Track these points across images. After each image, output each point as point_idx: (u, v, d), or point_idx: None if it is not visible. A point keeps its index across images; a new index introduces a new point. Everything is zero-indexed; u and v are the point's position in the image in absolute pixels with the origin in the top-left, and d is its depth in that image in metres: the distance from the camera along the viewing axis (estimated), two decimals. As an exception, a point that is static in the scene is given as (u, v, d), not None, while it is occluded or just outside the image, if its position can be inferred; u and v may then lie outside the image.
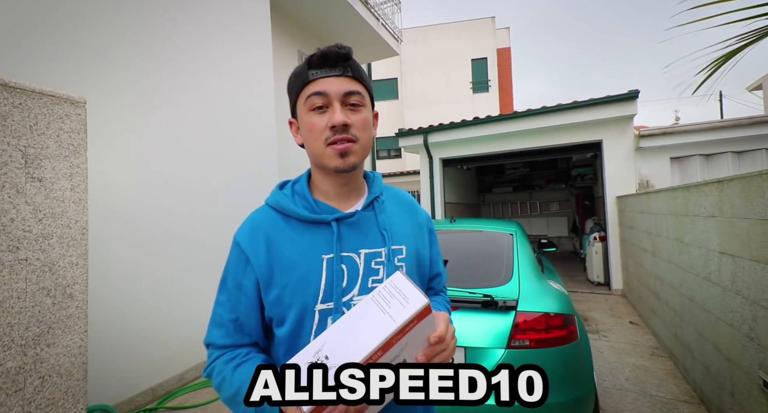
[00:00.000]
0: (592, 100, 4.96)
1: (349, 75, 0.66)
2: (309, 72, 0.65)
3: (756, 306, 1.55)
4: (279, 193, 0.72)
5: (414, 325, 0.50)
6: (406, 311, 0.48)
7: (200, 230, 3.02)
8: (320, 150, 0.65)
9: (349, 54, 0.66)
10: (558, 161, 8.91)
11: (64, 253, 1.22)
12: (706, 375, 2.13)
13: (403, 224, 0.75)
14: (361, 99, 0.67)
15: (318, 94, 0.64)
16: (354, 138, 0.65)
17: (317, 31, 5.74)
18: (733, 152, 4.61)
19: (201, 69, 3.12)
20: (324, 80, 0.64)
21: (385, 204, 0.75)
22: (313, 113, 0.65)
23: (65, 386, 1.21)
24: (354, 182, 0.72)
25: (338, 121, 0.63)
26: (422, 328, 0.52)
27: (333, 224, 0.67)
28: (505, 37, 15.94)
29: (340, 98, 0.64)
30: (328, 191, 0.71)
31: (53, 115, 1.22)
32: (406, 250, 0.71)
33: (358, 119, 0.65)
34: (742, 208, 1.64)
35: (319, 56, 0.65)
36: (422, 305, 0.49)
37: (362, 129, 0.66)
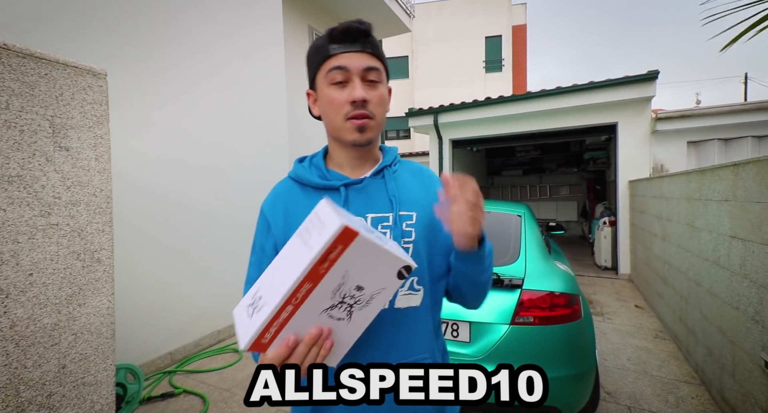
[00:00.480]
0: (608, 80, 4.81)
1: (368, 51, 0.67)
2: (330, 46, 0.66)
3: (763, 289, 1.57)
4: (298, 165, 0.77)
5: (340, 252, 0.46)
6: (322, 238, 0.45)
7: (214, 204, 3.09)
8: (339, 124, 0.68)
9: (370, 30, 0.68)
10: (570, 144, 8.74)
11: (91, 220, 1.28)
12: (708, 357, 2.17)
13: (416, 191, 0.75)
14: (379, 75, 0.68)
15: (339, 68, 0.65)
16: (371, 114, 0.67)
17: (328, 6, 5.60)
18: (753, 137, 4.48)
19: (213, 45, 3.10)
20: (345, 55, 0.66)
21: (398, 173, 0.77)
22: (334, 87, 0.67)
23: (96, 343, 1.30)
24: (368, 154, 0.75)
25: (359, 96, 0.65)
26: (361, 253, 0.48)
27: (341, 190, 0.70)
28: (521, 13, 15.31)
29: (360, 74, 0.66)
30: (342, 161, 0.74)
31: (77, 86, 1.25)
32: (416, 216, 0.71)
33: (375, 96, 0.67)
34: (756, 192, 1.63)
35: (341, 31, 0.66)
36: (336, 228, 0.44)
37: (378, 105, 0.68)
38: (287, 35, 4.66)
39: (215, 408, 2.14)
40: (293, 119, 4.66)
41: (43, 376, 1.16)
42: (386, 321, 0.67)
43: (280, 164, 3.86)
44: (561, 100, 5.17)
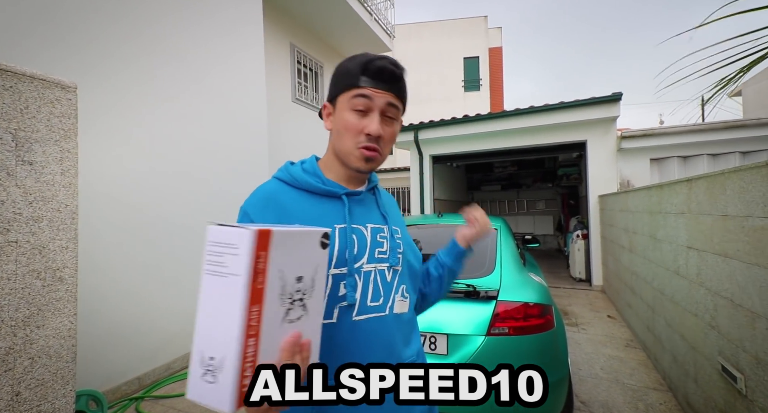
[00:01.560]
0: (577, 101, 5.09)
1: (395, 93, 0.71)
2: (361, 77, 0.68)
3: (717, 297, 1.66)
4: (291, 167, 0.75)
5: (266, 257, 0.43)
6: (242, 256, 0.41)
7: (190, 219, 3.02)
8: (349, 148, 0.70)
9: (402, 75, 0.72)
10: (545, 160, 9.09)
11: (54, 236, 1.23)
12: (674, 364, 2.25)
13: (395, 211, 0.85)
14: (396, 114, 0.73)
15: (364, 97, 0.68)
16: (380, 150, 0.71)
17: (310, 24, 5.72)
18: (708, 155, 4.81)
19: (192, 60, 3.10)
20: (371, 91, 0.68)
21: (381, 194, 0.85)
22: (355, 113, 0.69)
23: (54, 367, 1.23)
24: (363, 177, 0.80)
25: (375, 131, 0.68)
26: (283, 248, 0.45)
27: (344, 198, 0.72)
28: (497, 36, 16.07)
29: (381, 109, 0.69)
30: (340, 176, 0.76)
31: (44, 99, 1.23)
32: (400, 232, 0.79)
33: (389, 132, 0.72)
34: (707, 205, 1.75)
35: (376, 69, 0.68)
36: (251, 237, 0.42)
37: (388, 142, 0.73)
38: (269, 51, 4.71)
39: (184, 434, 2.03)
40: (273, 133, 4.67)
41: (-7, 404, 1.08)
42: (386, 326, 0.71)
43: (259, 177, 3.83)
44: (534, 119, 5.41)
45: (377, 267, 0.72)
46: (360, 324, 0.68)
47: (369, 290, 0.69)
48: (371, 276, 0.70)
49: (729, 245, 1.53)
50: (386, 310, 0.71)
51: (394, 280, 0.73)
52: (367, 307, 0.69)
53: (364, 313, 0.68)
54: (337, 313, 0.66)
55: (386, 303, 0.71)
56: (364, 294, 0.68)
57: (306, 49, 5.83)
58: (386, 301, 0.71)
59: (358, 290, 0.68)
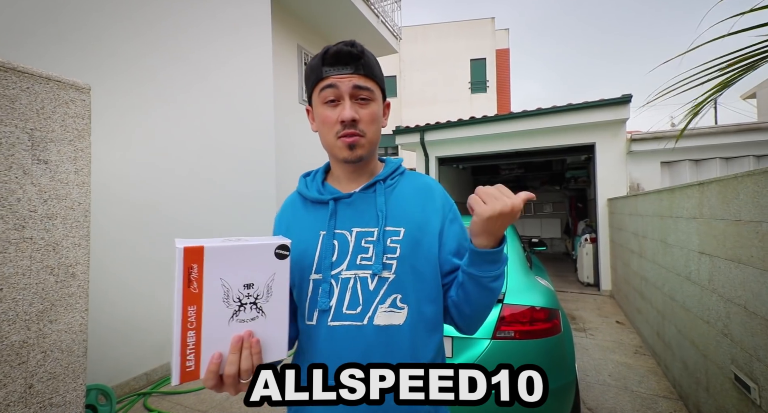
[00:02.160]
0: (586, 103, 5.04)
1: (360, 73, 0.69)
2: (323, 69, 0.69)
3: (730, 304, 1.63)
4: (302, 180, 0.81)
5: (200, 268, 0.52)
6: (177, 267, 0.51)
7: (198, 217, 3.05)
8: (332, 141, 0.71)
9: (361, 54, 0.69)
10: (552, 163, 9.01)
11: (67, 234, 1.26)
12: (684, 372, 2.21)
13: (411, 207, 0.74)
14: (370, 94, 0.70)
15: (330, 86, 0.68)
16: (361, 133, 0.69)
17: (317, 26, 5.76)
18: (721, 158, 4.72)
19: (200, 61, 3.14)
20: (335, 78, 0.69)
21: (396, 188, 0.76)
22: (326, 105, 0.69)
23: (66, 361, 1.25)
24: (363, 169, 0.77)
25: (347, 116, 0.67)
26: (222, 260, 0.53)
27: (330, 203, 0.73)
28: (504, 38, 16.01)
29: (349, 93, 0.68)
30: (340, 175, 0.78)
31: (59, 100, 1.26)
32: (404, 232, 0.70)
33: (366, 114, 0.70)
34: (719, 209, 1.72)
35: (332, 55, 0.68)
36: (180, 253, 0.51)
37: (370, 123, 0.70)
38: (276, 52, 4.75)
39: (190, 431, 2.05)
40: (280, 135, 4.70)
41: (7, 397, 1.11)
42: (363, 337, 0.66)
43: (266, 175, 3.86)
44: (542, 121, 5.37)
45: (358, 274, 0.68)
46: (336, 329, 0.67)
47: (346, 298, 0.67)
48: (350, 283, 0.68)
49: (742, 251, 1.50)
50: (364, 320, 0.66)
51: (380, 289, 0.67)
52: (343, 314, 0.67)
53: (339, 320, 0.67)
54: (316, 316, 0.69)
55: (365, 313, 0.66)
56: (340, 301, 0.67)
57: (313, 51, 5.87)
58: (365, 311, 0.67)
59: (334, 297, 0.68)
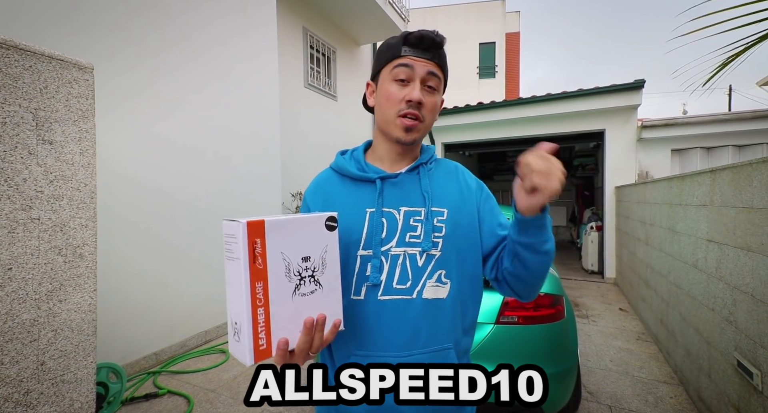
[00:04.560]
0: (597, 88, 4.92)
1: (436, 62, 0.71)
2: (402, 48, 0.70)
3: (736, 291, 1.62)
4: (340, 157, 0.81)
5: (263, 243, 0.51)
6: (239, 244, 0.50)
7: (206, 201, 3.07)
8: (390, 118, 0.71)
9: (443, 43, 0.71)
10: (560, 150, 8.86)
11: (74, 215, 1.27)
12: (687, 358, 2.22)
13: (449, 189, 0.77)
14: (438, 84, 0.72)
15: (405, 66, 0.69)
16: (422, 117, 0.70)
17: (323, 7, 5.62)
18: (734, 146, 4.62)
19: (204, 43, 3.09)
20: (413, 59, 0.70)
21: (433, 171, 0.79)
22: (396, 83, 0.70)
23: (76, 340, 1.28)
24: (409, 152, 0.78)
25: (416, 97, 0.68)
26: (281, 234, 0.53)
27: (377, 182, 0.73)
28: (515, 21, 15.53)
29: (422, 77, 0.69)
30: (383, 155, 0.78)
31: (62, 79, 1.24)
32: (447, 213, 0.73)
33: (430, 102, 0.71)
34: (731, 197, 1.68)
35: (417, 37, 0.69)
36: (242, 228, 0.50)
37: (431, 112, 0.72)
38: (281, 34, 4.66)
39: (200, 409, 2.11)
40: (285, 118, 4.66)
41: (20, 373, 1.14)
42: (413, 309, 0.69)
43: (271, 161, 3.86)
44: (551, 107, 5.26)
45: (407, 251, 0.70)
46: (385, 303, 0.69)
47: (396, 273, 0.69)
48: (399, 260, 0.70)
49: (753, 239, 1.48)
50: (413, 294, 0.69)
51: (428, 265, 0.71)
52: (393, 289, 0.69)
53: (389, 294, 0.69)
54: (364, 291, 0.70)
55: (414, 287, 0.70)
56: (390, 276, 0.69)
57: (319, 34, 5.75)
58: (414, 285, 0.70)
59: (384, 272, 0.69)
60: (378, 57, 0.76)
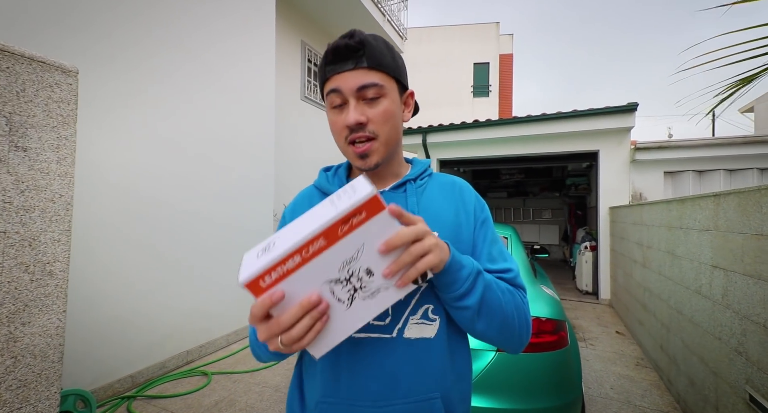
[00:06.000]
0: (591, 110, 4.98)
1: (363, 66, 0.62)
2: (326, 69, 0.64)
3: (746, 321, 1.56)
4: (322, 174, 0.76)
5: (363, 219, 0.44)
6: (349, 200, 0.43)
7: (189, 216, 2.95)
8: (343, 148, 0.66)
9: (360, 45, 0.62)
10: (553, 169, 8.97)
11: (45, 228, 1.16)
12: (690, 388, 2.14)
13: (442, 208, 0.68)
14: (378, 90, 0.62)
15: (334, 91, 0.63)
16: (373, 135, 0.63)
17: (322, 22, 5.68)
18: (725, 170, 4.68)
19: (202, 53, 3.05)
20: (338, 77, 0.62)
21: (425, 188, 0.71)
22: (334, 110, 0.64)
23: (39, 367, 1.15)
24: (384, 172, 0.71)
25: (351, 120, 0.61)
26: (381, 230, 0.46)
27: None
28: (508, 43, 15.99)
29: (353, 94, 0.62)
30: None
31: (42, 82, 1.16)
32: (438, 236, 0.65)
33: (375, 113, 0.62)
34: (737, 222, 1.65)
35: (331, 51, 0.63)
36: (367, 193, 0.43)
37: (382, 123, 0.63)
38: (279, 47, 4.66)
39: (175, 439, 1.95)
40: (280, 131, 4.61)
41: (-31, 406, 1.01)
42: (392, 351, 0.60)
43: (264, 175, 3.77)
44: (546, 126, 5.31)
45: None
46: (360, 343, 0.60)
47: None
48: None
49: (764, 267, 1.43)
50: (393, 332, 0.60)
51: (412, 299, 0.62)
52: (370, 326, 0.60)
53: (364, 331, 0.60)
54: None
55: (395, 324, 0.61)
56: None
57: (317, 48, 5.78)
58: (395, 322, 0.61)
59: None
60: (319, 86, 0.69)
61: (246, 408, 2.25)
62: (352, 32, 0.64)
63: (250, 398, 2.39)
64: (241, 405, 2.30)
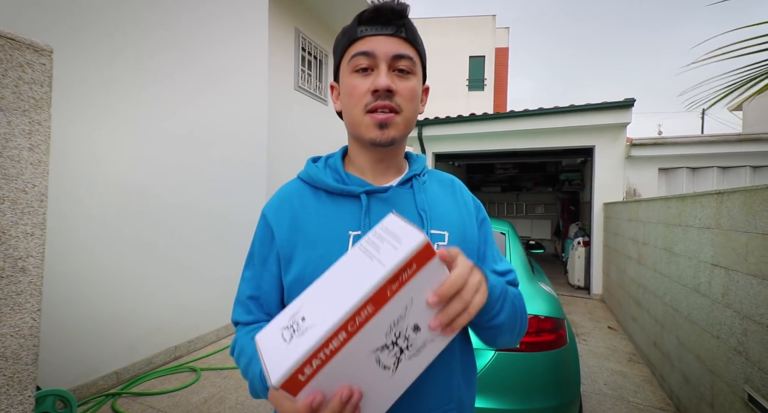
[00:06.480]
0: (588, 105, 4.95)
1: (401, 36, 0.58)
2: (358, 29, 0.58)
3: (748, 321, 1.54)
4: (311, 165, 0.66)
5: (413, 272, 0.37)
6: (398, 252, 0.37)
7: (180, 206, 2.84)
8: (358, 118, 0.58)
9: (405, 11, 0.58)
10: (547, 164, 8.98)
11: (17, 221, 1.06)
12: (685, 384, 2.14)
13: (448, 207, 0.64)
14: (411, 65, 0.58)
15: (364, 54, 0.56)
16: (397, 108, 0.57)
17: (316, 9, 5.51)
18: (718, 167, 4.71)
19: (192, 42, 2.91)
20: (373, 39, 0.57)
21: (427, 185, 0.66)
22: (356, 74, 0.58)
23: (11, 370, 1.07)
24: (392, 159, 0.65)
25: (382, 84, 0.55)
26: (429, 279, 0.39)
27: (362, 197, 0.59)
28: (504, 36, 15.87)
29: (387, 61, 0.56)
30: (363, 165, 0.64)
31: (12, 61, 1.05)
32: (448, 237, 0.60)
33: (404, 87, 0.57)
34: (742, 221, 1.62)
35: (372, 11, 0.57)
36: (418, 242, 0.37)
37: (408, 99, 0.58)
38: (272, 34, 4.51)
39: (162, 439, 1.88)
40: (273, 121, 4.48)
41: (-68, 414, 0.92)
42: None
43: (256, 165, 3.66)
44: (543, 121, 5.27)
45: None
46: None
47: None
48: None
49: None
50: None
51: None
52: None
53: None
54: None
55: None
56: None
57: (311, 36, 5.61)
58: None
59: None
60: (335, 50, 0.63)
61: (236, 406, 2.19)
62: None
63: (241, 395, 2.33)
64: (232, 402, 2.24)
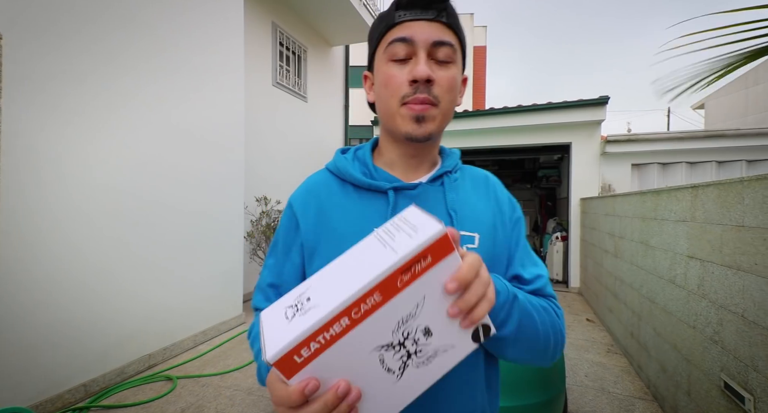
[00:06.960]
0: (565, 102, 5.07)
1: (443, 21, 0.54)
2: (396, 13, 0.54)
3: (723, 310, 1.59)
4: (339, 156, 0.64)
5: (428, 265, 0.34)
6: (413, 241, 0.34)
7: (152, 206, 2.69)
8: (393, 109, 0.55)
9: None
10: (525, 161, 9.15)
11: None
12: (662, 374, 2.21)
13: (479, 207, 0.61)
14: (452, 54, 0.54)
15: (402, 40, 0.53)
16: (435, 100, 0.53)
17: (294, 2, 5.37)
18: (686, 163, 4.92)
19: (162, 32, 2.74)
20: (412, 24, 0.53)
21: (459, 183, 0.62)
22: (393, 63, 0.54)
23: (-46, 393, 0.96)
24: (426, 154, 0.62)
25: (421, 74, 0.51)
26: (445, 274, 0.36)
27: (390, 194, 0.56)
28: (482, 35, 16.07)
29: (427, 48, 0.53)
30: (394, 160, 0.62)
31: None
32: (479, 239, 0.57)
33: (444, 77, 0.54)
34: (716, 214, 1.67)
35: None
36: (436, 231, 0.34)
37: (447, 90, 0.54)
38: (248, 27, 4.36)
39: (135, 454, 1.77)
40: (251, 118, 4.33)
41: None
42: None
43: (233, 163, 3.52)
44: (521, 118, 5.35)
45: None
46: None
47: None
48: None
49: (744, 258, 1.45)
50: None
51: None
52: None
53: None
54: None
55: None
56: None
57: (289, 31, 5.47)
58: None
59: None
60: (370, 38, 0.60)
61: (216, 415, 2.10)
62: None
63: (220, 403, 2.23)
64: (210, 411, 2.14)
